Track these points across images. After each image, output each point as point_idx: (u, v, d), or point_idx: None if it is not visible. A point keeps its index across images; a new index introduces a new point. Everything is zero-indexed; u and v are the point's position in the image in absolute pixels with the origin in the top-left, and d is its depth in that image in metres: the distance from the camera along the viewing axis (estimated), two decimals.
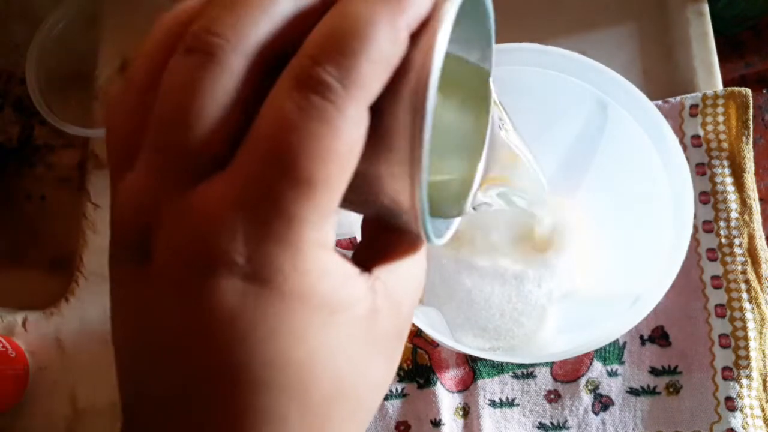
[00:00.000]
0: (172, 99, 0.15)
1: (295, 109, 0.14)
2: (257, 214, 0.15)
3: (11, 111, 0.56)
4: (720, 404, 0.45)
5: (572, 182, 0.46)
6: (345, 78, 0.15)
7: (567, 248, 0.45)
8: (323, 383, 0.16)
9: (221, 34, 0.15)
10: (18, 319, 0.50)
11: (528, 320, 0.44)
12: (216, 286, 0.15)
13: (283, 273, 0.15)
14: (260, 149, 0.15)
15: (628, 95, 0.39)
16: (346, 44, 0.15)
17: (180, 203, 0.15)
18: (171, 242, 0.15)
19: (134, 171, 0.16)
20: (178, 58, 0.15)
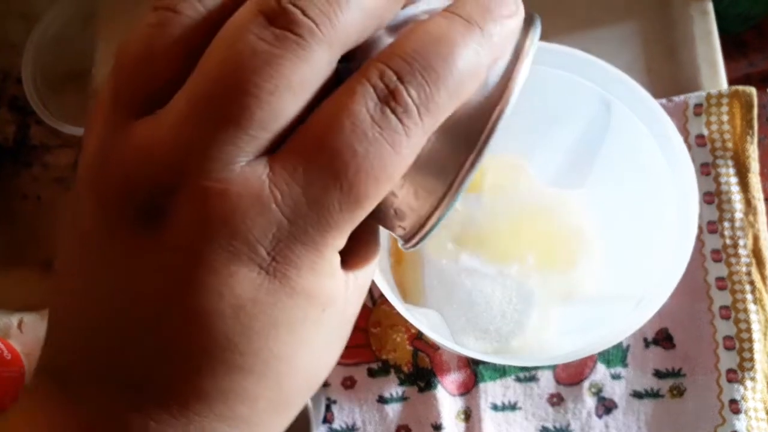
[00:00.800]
0: (243, 70, 0.14)
1: (369, 124, 0.14)
2: (299, 218, 0.15)
3: (7, 110, 0.56)
4: (724, 407, 0.44)
5: (575, 182, 0.45)
6: (424, 105, 0.15)
7: (570, 249, 0.45)
8: (297, 375, 0.17)
9: (318, 23, 0.14)
10: (13, 320, 0.50)
11: (530, 322, 0.44)
12: (233, 273, 0.15)
13: (300, 273, 0.15)
14: (320, 153, 0.15)
15: (632, 94, 0.39)
16: (435, 70, 0.15)
17: (223, 175, 0.14)
18: (199, 213, 0.15)
19: (165, 118, 0.15)
20: (261, 28, 0.14)
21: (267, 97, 0.14)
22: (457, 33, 0.15)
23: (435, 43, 0.15)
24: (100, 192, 0.16)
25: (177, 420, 0.16)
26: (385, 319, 0.48)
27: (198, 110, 0.14)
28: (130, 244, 0.15)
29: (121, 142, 0.15)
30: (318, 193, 0.15)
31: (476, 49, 0.15)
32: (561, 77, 0.40)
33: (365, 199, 0.15)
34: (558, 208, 0.46)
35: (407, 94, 0.15)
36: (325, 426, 0.48)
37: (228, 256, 0.15)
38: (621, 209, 0.44)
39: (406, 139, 0.15)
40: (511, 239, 0.45)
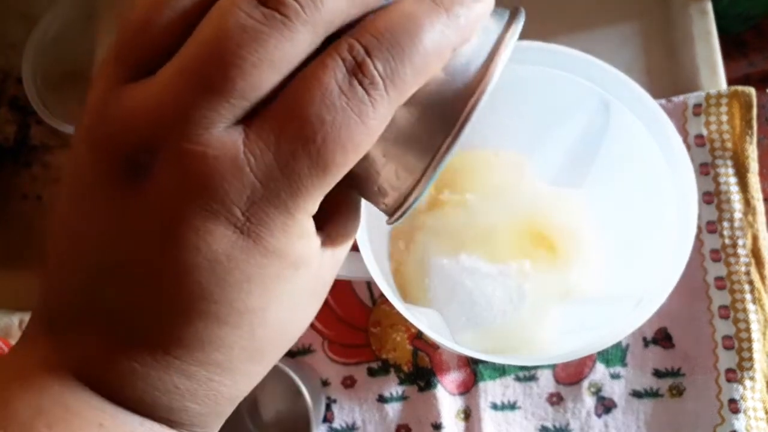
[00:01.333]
0: (230, 43, 0.15)
1: (337, 94, 0.16)
2: (271, 181, 0.16)
3: (7, 110, 0.56)
4: (723, 406, 0.44)
5: (575, 181, 0.45)
6: (389, 78, 0.16)
7: (569, 249, 0.45)
8: (268, 328, 0.18)
9: (304, 6, 0.16)
10: (14, 320, 0.50)
11: (530, 321, 0.44)
12: (210, 230, 0.16)
13: (272, 233, 0.17)
14: (291, 122, 0.16)
15: (631, 94, 0.39)
16: (400, 46, 0.16)
17: (203, 138, 0.16)
18: (180, 172, 0.16)
19: (156, 82, 0.16)
20: (251, 7, 0.16)
21: (250, 69, 0.15)
22: (424, 13, 0.16)
23: (403, 21, 0.16)
24: (93, 146, 0.17)
25: (159, 363, 0.18)
26: (385, 318, 0.49)
27: (185, 76, 0.16)
28: (115, 195, 0.17)
29: (114, 101, 0.17)
30: (288, 158, 0.16)
31: (442, 29, 0.16)
32: (560, 77, 0.40)
33: (333, 166, 0.16)
34: (557, 207, 0.46)
35: (373, 67, 0.16)
36: (325, 425, 0.48)
37: (205, 215, 0.16)
38: (620, 209, 0.44)
39: (372, 110, 0.16)
40: (511, 239, 0.45)
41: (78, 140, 0.18)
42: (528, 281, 0.44)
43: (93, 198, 0.17)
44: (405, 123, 0.17)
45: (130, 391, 0.18)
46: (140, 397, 0.18)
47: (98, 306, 0.18)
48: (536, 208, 0.46)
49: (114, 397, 0.18)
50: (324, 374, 0.48)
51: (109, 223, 0.17)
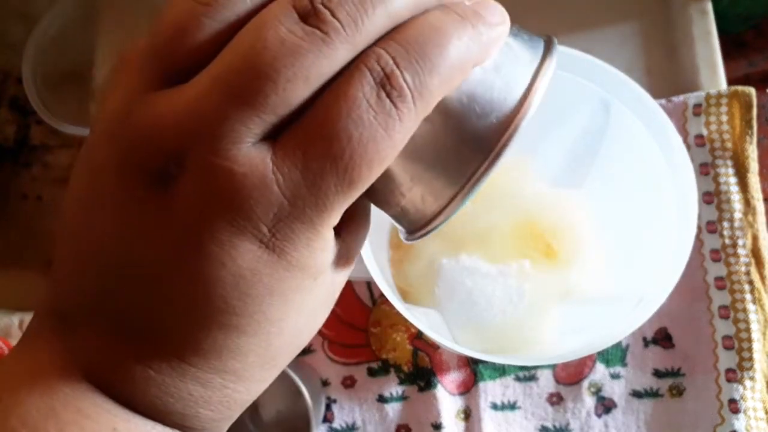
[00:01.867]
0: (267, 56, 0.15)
1: (365, 108, 0.15)
2: (298, 199, 0.16)
3: (7, 110, 0.56)
4: (723, 406, 0.44)
5: (575, 181, 0.45)
6: (418, 90, 0.16)
7: (570, 249, 0.45)
8: (284, 336, 0.19)
9: (345, 25, 0.16)
10: (14, 320, 0.50)
11: (530, 321, 0.44)
12: (236, 245, 0.16)
13: (297, 248, 0.17)
14: (319, 139, 0.16)
15: (631, 94, 0.39)
16: (429, 57, 0.16)
17: (231, 153, 0.15)
18: (208, 186, 0.16)
19: (188, 91, 0.16)
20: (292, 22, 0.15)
21: (283, 84, 0.15)
22: (451, 25, 0.16)
23: (431, 32, 0.16)
24: (120, 149, 0.17)
25: (174, 370, 0.18)
26: (385, 318, 0.49)
27: (218, 87, 0.15)
28: (141, 201, 0.17)
29: (144, 106, 0.16)
30: (316, 176, 0.16)
31: (468, 42, 0.16)
32: (561, 77, 0.40)
33: (359, 181, 0.16)
34: (558, 207, 0.46)
35: (402, 79, 0.16)
36: (325, 425, 0.48)
37: (232, 230, 0.16)
38: (620, 209, 0.44)
39: (399, 123, 0.16)
40: (511, 239, 0.45)
41: (98, 142, 0.17)
42: (528, 281, 0.44)
43: (115, 202, 0.17)
44: (438, 148, 0.17)
45: (142, 396, 0.18)
46: (153, 402, 0.18)
47: (114, 309, 0.18)
48: (536, 208, 0.46)
49: (126, 401, 0.18)
50: (324, 374, 0.48)
51: (131, 229, 0.17)
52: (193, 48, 0.16)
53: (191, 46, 0.16)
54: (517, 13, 0.58)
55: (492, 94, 0.17)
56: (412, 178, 0.18)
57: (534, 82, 0.18)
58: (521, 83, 0.18)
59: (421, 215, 0.18)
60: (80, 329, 0.18)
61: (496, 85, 0.17)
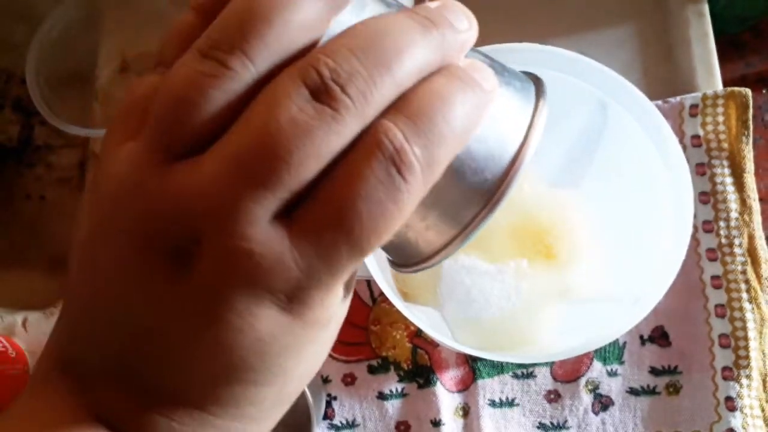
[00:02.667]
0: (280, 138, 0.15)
1: (375, 186, 0.16)
2: (314, 271, 0.16)
3: (11, 111, 0.56)
4: (720, 404, 0.45)
5: (572, 182, 0.46)
6: (426, 162, 0.16)
7: (567, 249, 0.45)
8: (297, 380, 0.20)
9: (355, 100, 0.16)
10: (18, 319, 0.50)
11: (528, 319, 0.44)
12: (254, 314, 0.17)
13: (312, 309, 0.17)
14: (332, 216, 0.16)
15: (628, 95, 0.39)
16: (438, 129, 0.16)
17: (248, 233, 0.16)
18: (226, 266, 0.16)
19: (201, 169, 0.16)
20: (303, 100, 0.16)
21: (297, 165, 0.15)
22: (456, 94, 0.17)
23: (438, 102, 0.16)
24: (136, 225, 0.17)
25: (194, 420, 0.18)
26: (384, 316, 0.49)
27: (232, 167, 0.16)
28: (160, 275, 0.17)
29: (157, 181, 0.16)
30: (330, 250, 0.16)
31: (472, 109, 0.17)
32: (558, 79, 0.40)
33: (369, 249, 0.17)
34: (555, 207, 0.46)
35: (412, 153, 0.16)
36: (325, 422, 0.48)
37: (251, 301, 0.16)
38: (617, 209, 0.44)
39: (408, 195, 0.16)
40: (508, 239, 0.46)
41: (109, 210, 0.17)
42: (525, 280, 0.44)
43: (135, 276, 0.17)
44: (439, 198, 0.18)
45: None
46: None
47: (135, 371, 0.18)
48: (534, 209, 0.46)
49: None
50: (324, 372, 0.49)
51: (152, 301, 0.17)
52: (201, 122, 0.16)
53: (199, 120, 0.16)
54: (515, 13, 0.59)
55: (488, 147, 0.18)
56: (407, 224, 0.18)
57: (528, 135, 0.18)
58: (516, 135, 0.18)
59: (416, 252, 0.19)
60: (99, 387, 0.18)
61: (491, 139, 0.18)
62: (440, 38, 0.17)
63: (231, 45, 0.16)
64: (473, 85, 0.17)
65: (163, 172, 0.16)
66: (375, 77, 0.16)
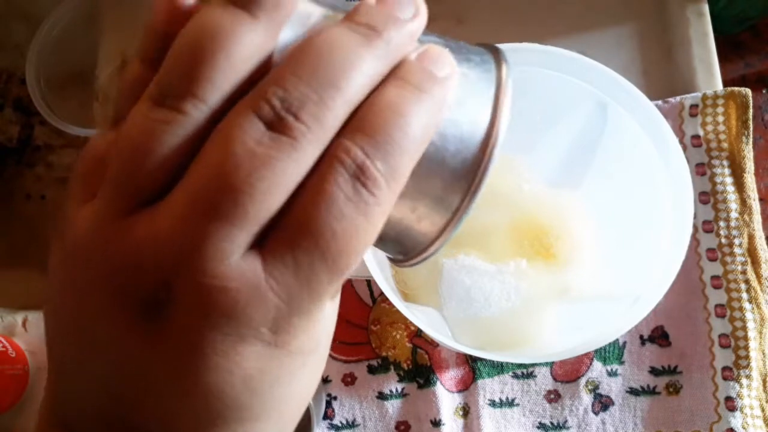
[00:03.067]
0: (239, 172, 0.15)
1: (344, 202, 0.16)
2: (294, 298, 0.16)
3: (11, 111, 0.56)
4: (720, 404, 0.45)
5: (572, 182, 0.46)
6: (390, 174, 0.16)
7: (567, 248, 0.45)
8: (294, 404, 0.19)
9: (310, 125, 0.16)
10: (18, 319, 0.51)
11: (528, 319, 0.44)
12: (239, 352, 0.16)
13: (297, 337, 0.17)
14: (305, 239, 0.16)
15: (628, 95, 0.39)
16: (395, 141, 0.16)
17: (220, 271, 0.16)
18: (202, 306, 0.16)
19: (163, 215, 0.16)
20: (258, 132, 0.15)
21: (260, 196, 0.15)
22: (410, 102, 0.17)
23: (393, 115, 0.16)
24: (104, 280, 0.16)
25: None
26: (384, 316, 0.49)
27: (195, 209, 0.15)
28: (135, 331, 0.16)
29: (121, 234, 0.16)
30: (307, 274, 0.16)
31: (428, 112, 0.17)
32: (558, 79, 0.40)
33: (348, 267, 0.16)
34: (555, 207, 0.46)
35: (374, 168, 0.16)
36: (325, 422, 0.48)
37: (234, 340, 0.16)
38: (617, 209, 0.44)
39: (377, 207, 0.16)
40: (508, 239, 0.46)
41: (75, 268, 0.17)
42: (525, 280, 0.44)
43: (110, 333, 0.17)
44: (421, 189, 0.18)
45: None
46: None
47: (129, 421, 0.18)
48: (534, 209, 0.46)
49: None
50: (324, 372, 0.49)
51: (131, 357, 0.17)
52: (159, 168, 0.16)
53: (157, 166, 0.16)
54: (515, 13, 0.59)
55: (461, 129, 0.18)
56: (400, 219, 0.18)
57: (498, 105, 0.18)
58: (485, 109, 0.18)
59: (413, 245, 0.19)
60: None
61: (461, 120, 0.18)
62: (385, 46, 0.17)
63: (180, 89, 0.16)
64: (427, 87, 0.17)
65: (125, 225, 0.16)
66: (326, 99, 0.16)
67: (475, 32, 0.53)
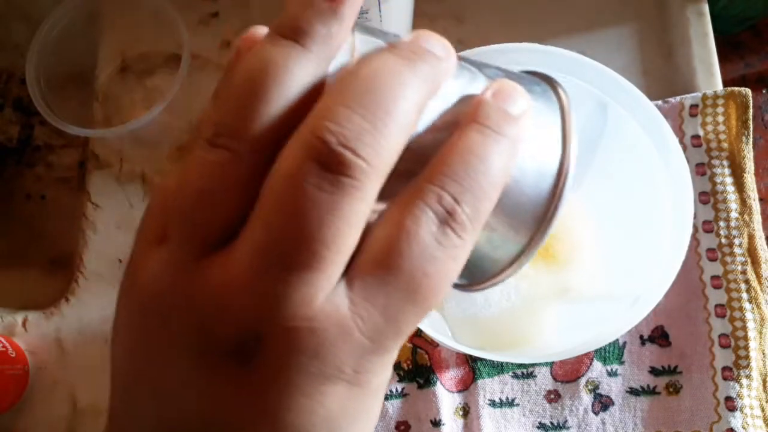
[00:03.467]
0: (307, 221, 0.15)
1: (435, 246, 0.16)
2: (379, 336, 0.16)
3: (11, 111, 0.57)
4: (720, 404, 0.45)
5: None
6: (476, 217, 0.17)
7: (567, 249, 0.45)
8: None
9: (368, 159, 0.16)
10: (18, 319, 0.50)
11: (527, 319, 0.44)
12: (323, 392, 0.16)
13: (377, 375, 0.17)
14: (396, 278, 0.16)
15: (628, 95, 0.39)
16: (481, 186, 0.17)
17: (306, 313, 0.16)
18: (290, 349, 0.16)
19: (232, 263, 0.16)
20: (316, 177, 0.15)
21: (332, 240, 0.15)
22: (491, 147, 0.17)
23: (478, 161, 0.17)
24: (188, 329, 0.17)
25: None
26: None
27: (270, 258, 0.15)
28: (220, 375, 0.17)
29: (196, 282, 0.16)
30: (395, 313, 0.16)
31: (507, 154, 0.17)
32: (558, 79, 0.40)
33: (432, 306, 0.17)
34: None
35: (464, 214, 0.17)
36: None
37: (319, 380, 0.16)
38: (617, 209, 0.44)
39: (463, 250, 0.17)
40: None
41: (150, 317, 0.17)
42: (525, 280, 0.44)
43: (200, 381, 0.17)
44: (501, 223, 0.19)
45: None
46: None
47: None
48: None
49: None
50: None
51: (218, 403, 0.17)
52: (220, 210, 0.16)
53: (218, 208, 0.16)
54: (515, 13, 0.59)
55: (536, 161, 0.18)
56: (476, 249, 0.19)
57: (566, 138, 0.19)
58: (556, 141, 0.19)
59: (484, 272, 0.20)
60: None
61: (536, 152, 0.18)
62: (428, 69, 0.17)
63: (234, 128, 0.16)
64: (505, 129, 0.17)
65: (199, 271, 0.16)
66: (380, 128, 0.16)
67: (475, 32, 0.53)
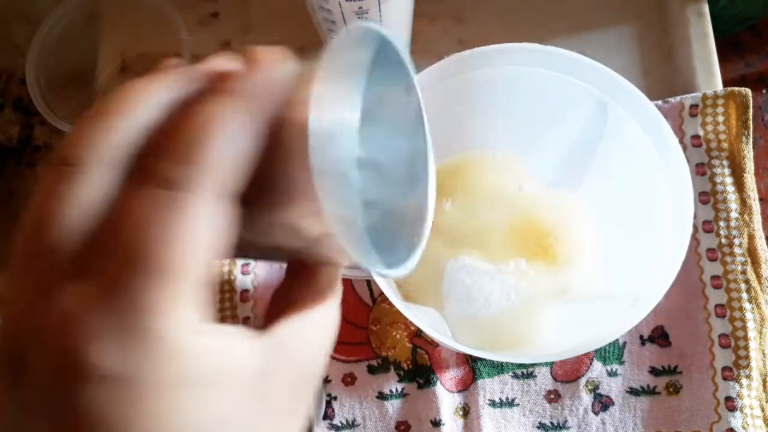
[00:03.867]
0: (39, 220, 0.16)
1: (147, 210, 0.15)
2: (116, 312, 0.15)
3: (11, 111, 0.57)
4: (720, 404, 0.45)
5: (572, 183, 0.46)
6: (188, 173, 0.15)
7: (567, 249, 0.45)
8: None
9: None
10: None
11: (527, 319, 0.44)
12: (84, 393, 0.15)
13: (147, 368, 0.15)
14: (111, 258, 0.15)
15: (628, 95, 0.39)
16: (187, 146, 0.16)
17: (46, 312, 0.15)
18: (42, 354, 0.15)
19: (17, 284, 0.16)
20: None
21: (51, 241, 0.16)
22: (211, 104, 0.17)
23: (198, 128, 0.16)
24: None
25: None
26: (384, 316, 0.49)
27: (24, 273, 0.16)
28: (5, 397, 0.16)
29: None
30: (124, 285, 0.15)
31: (233, 116, 0.17)
32: (558, 79, 0.40)
33: (172, 271, 0.15)
34: (555, 208, 0.46)
35: (168, 170, 0.16)
36: (325, 422, 0.48)
37: (75, 379, 0.15)
38: (617, 209, 0.44)
39: (192, 206, 0.15)
40: (509, 239, 0.46)
41: None
42: (525, 280, 0.44)
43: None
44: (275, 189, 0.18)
45: None
46: None
47: None
48: (534, 209, 0.46)
49: None
50: (325, 372, 0.49)
51: (5, 422, 0.16)
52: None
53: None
54: (515, 13, 0.59)
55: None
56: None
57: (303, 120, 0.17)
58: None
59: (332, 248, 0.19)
60: None
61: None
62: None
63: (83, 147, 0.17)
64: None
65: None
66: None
67: (475, 32, 0.53)
